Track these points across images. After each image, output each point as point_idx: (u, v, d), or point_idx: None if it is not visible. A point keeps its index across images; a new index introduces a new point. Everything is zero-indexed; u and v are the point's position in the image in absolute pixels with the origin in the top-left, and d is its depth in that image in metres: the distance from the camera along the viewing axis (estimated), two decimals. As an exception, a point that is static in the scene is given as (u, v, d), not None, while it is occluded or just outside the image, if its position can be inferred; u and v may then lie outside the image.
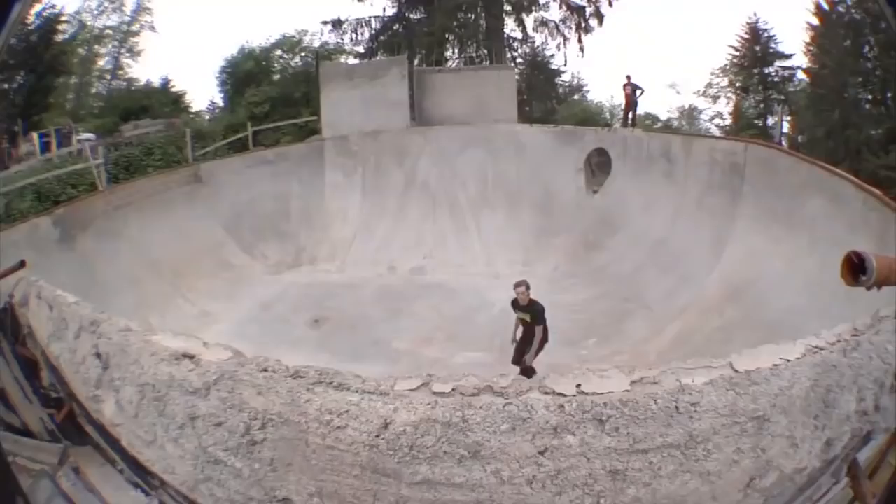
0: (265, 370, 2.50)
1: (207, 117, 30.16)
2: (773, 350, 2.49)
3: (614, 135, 13.67)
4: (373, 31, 26.86)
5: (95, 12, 32.24)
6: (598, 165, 13.99)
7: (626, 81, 16.18)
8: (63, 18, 28.81)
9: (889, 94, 23.18)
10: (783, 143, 23.80)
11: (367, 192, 14.50)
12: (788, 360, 2.40)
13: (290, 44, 27.41)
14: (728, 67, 30.48)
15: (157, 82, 32.21)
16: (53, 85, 28.79)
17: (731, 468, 2.22)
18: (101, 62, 33.14)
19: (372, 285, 12.00)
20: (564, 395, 2.20)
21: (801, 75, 27.76)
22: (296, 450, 2.26)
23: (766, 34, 28.78)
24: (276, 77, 25.90)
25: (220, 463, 2.44)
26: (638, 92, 15.75)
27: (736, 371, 2.32)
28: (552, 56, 28.60)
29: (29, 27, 26.47)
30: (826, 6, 25.11)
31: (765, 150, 9.65)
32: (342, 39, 27.35)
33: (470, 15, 26.46)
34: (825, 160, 11.38)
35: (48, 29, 27.72)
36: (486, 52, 25.30)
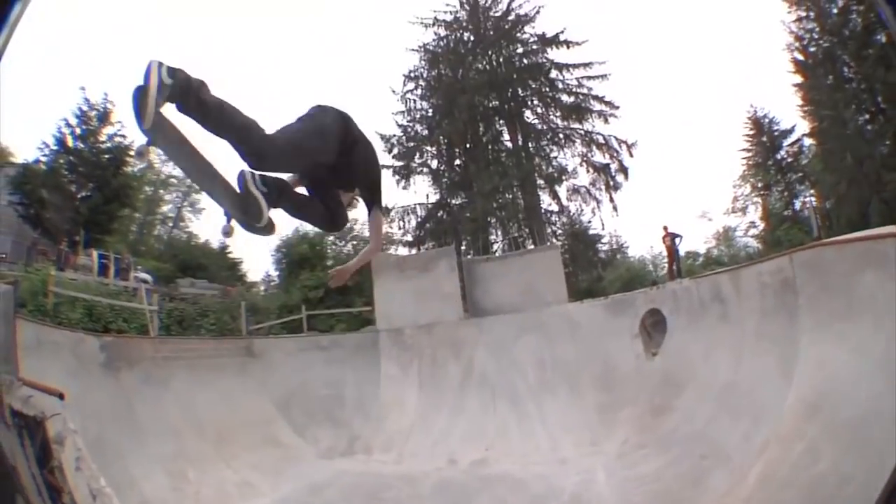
0: None
1: (263, 289, 31.35)
2: None
3: (663, 291, 13.43)
4: (419, 219, 28.41)
5: (162, 156, 35.19)
6: (653, 326, 13.54)
7: (664, 233, 16.32)
8: (132, 152, 29.94)
9: (880, 99, 22.91)
10: (817, 221, 23.24)
11: (423, 384, 14.40)
12: None
13: (342, 232, 28.96)
14: (746, 174, 30.79)
15: (215, 244, 33.93)
16: (118, 213, 30.10)
17: None
18: (164, 207, 35.18)
19: (431, 479, 11.26)
20: None
21: (808, 142, 27.84)
22: None
23: (767, 119, 29.31)
24: (329, 263, 27.10)
25: None
26: (677, 240, 15.79)
27: None
28: (589, 222, 29.61)
29: (102, 144, 27.97)
30: (801, 57, 25.59)
31: (809, 253, 8.99)
32: (390, 228, 28.97)
33: (507, 195, 27.89)
34: (856, 213, 10.72)
35: (118, 155, 29.20)
36: (527, 230, 26.32)
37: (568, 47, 28.82)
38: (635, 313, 13.47)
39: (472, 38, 29.91)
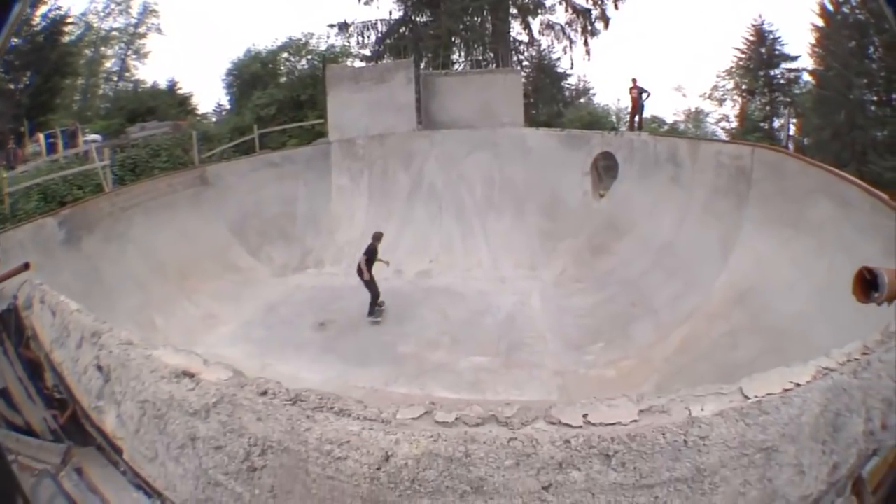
0: (265, 393, 2.42)
1: (214, 119, 30.25)
2: (783, 374, 2.42)
3: (621, 138, 13.58)
4: (379, 35, 26.94)
5: (102, 14, 32.69)
6: (605, 169, 13.93)
7: (632, 85, 16.12)
8: (69, 20, 28.93)
9: (894, 96, 23.07)
10: (790, 146, 23.74)
11: (373, 195, 14.52)
12: (799, 385, 2.34)
13: (296, 47, 27.41)
14: (734, 70, 30.35)
15: (163, 84, 32.41)
16: (60, 86, 28.91)
17: (738, 500, 2.16)
18: (107, 64, 33.40)
19: (379, 288, 11.95)
20: (571, 427, 2.14)
21: (806, 77, 27.64)
22: (296, 478, 2.20)
23: (771, 36, 28.63)
24: (283, 80, 25.96)
25: (220, 486, 2.38)
26: (644, 95, 15.67)
27: (746, 398, 2.26)
28: (558, 59, 28.67)
29: (35, 28, 26.57)
30: (831, 7, 24.99)
31: (772, 154, 9.54)
32: (348, 42, 27.46)
33: (476, 18, 26.48)
34: (831, 163, 11.35)
35: (54, 30, 27.80)
36: (492, 55, 25.32)
37: None
38: (589, 151, 13.66)
39: None
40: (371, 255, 10.94)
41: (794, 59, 27.79)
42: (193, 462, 2.49)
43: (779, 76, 28.36)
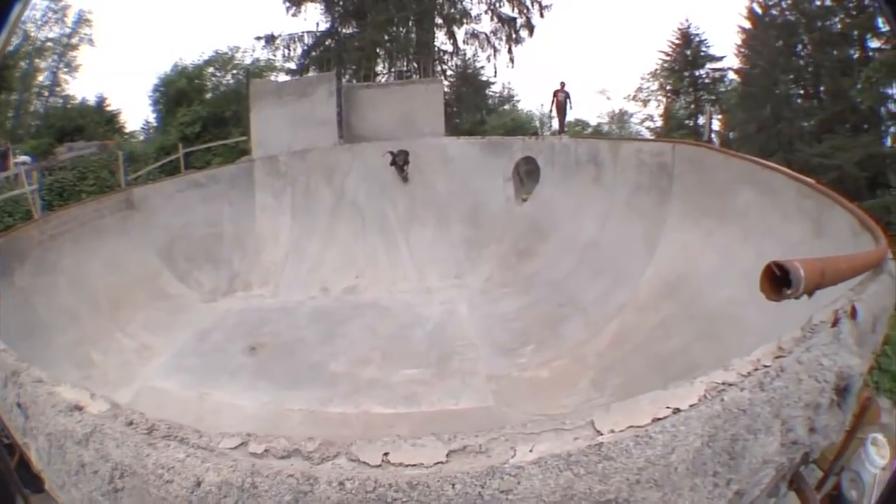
0: (130, 423, 2.46)
1: (141, 138, 29.30)
2: (660, 399, 2.07)
3: (542, 142, 13.74)
4: (305, 47, 26.70)
5: (39, 23, 30.64)
6: (527, 174, 14.05)
7: (559, 87, 16.34)
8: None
9: (822, 88, 24.16)
10: (714, 140, 24.55)
11: (296, 212, 14.21)
12: (678, 411, 2.00)
13: (222, 60, 26.88)
14: (658, 72, 31.26)
15: (92, 100, 31.12)
16: None
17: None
18: (40, 77, 31.91)
19: (306, 308, 11.76)
20: (368, 465, 2.02)
21: (731, 76, 28.79)
22: (143, 499, 2.23)
23: (697, 39, 29.68)
24: (208, 96, 25.39)
25: (100, 507, 2.48)
26: (568, 101, 15.96)
27: (599, 433, 1.94)
28: (482, 68, 29.02)
29: None
30: (759, 10, 26.05)
31: (693, 149, 9.79)
32: (274, 56, 27.13)
33: (401, 29, 26.61)
34: (757, 154, 11.78)
35: None
36: (416, 65, 25.38)
37: None
38: (510, 157, 13.77)
39: None
40: None
41: (720, 59, 29.02)
42: (84, 486, 2.54)
43: (704, 76, 29.41)
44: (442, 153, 14.52)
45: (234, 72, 26.46)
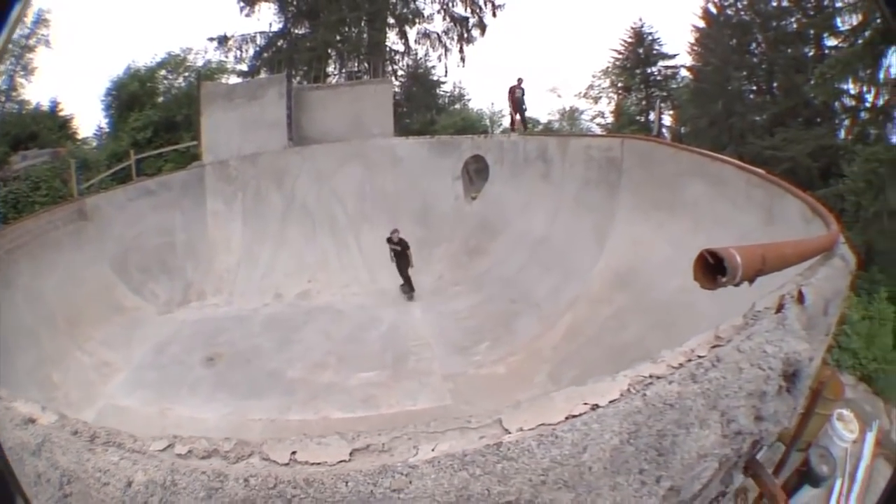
0: (76, 433, 2.55)
1: (94, 144, 28.48)
2: (575, 395, 2.00)
3: (490, 141, 13.87)
4: (257, 48, 26.27)
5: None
6: (476, 172, 14.15)
7: (515, 84, 16.38)
8: None
9: (775, 85, 24.77)
10: (665, 135, 24.95)
11: (247, 218, 14.03)
12: (597, 407, 1.93)
13: (174, 63, 25.99)
14: (610, 69, 31.54)
15: (46, 105, 30.13)
16: None
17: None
18: None
19: (260, 315, 11.72)
20: (277, 464, 2.06)
21: (684, 73, 29.14)
22: (87, 502, 2.33)
23: (650, 37, 30.02)
24: (160, 99, 24.61)
25: (53, 513, 2.51)
26: (523, 97, 16.00)
27: (507, 431, 1.88)
28: (433, 67, 28.89)
29: None
30: (714, 10, 26.55)
31: (642, 144, 10.01)
32: (227, 57, 26.52)
33: (353, 29, 26.43)
34: (709, 148, 12.04)
35: None
36: (367, 65, 25.23)
37: None
38: (459, 156, 13.86)
39: None
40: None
41: (672, 57, 29.19)
42: (42, 495, 2.60)
43: (656, 73, 29.75)
44: (391, 153, 14.51)
45: (186, 74, 25.76)
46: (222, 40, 26.18)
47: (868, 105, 20.46)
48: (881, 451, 7.23)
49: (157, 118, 22.35)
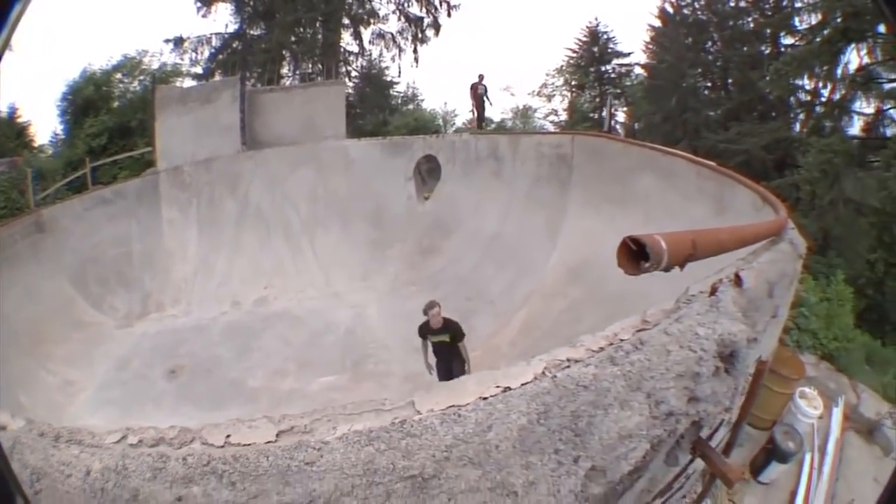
0: (41, 434, 2.63)
1: (50, 152, 27.77)
2: (487, 378, 2.09)
3: (442, 140, 13.91)
4: (213, 50, 25.95)
5: None
6: (428, 172, 14.21)
7: (476, 81, 16.40)
8: None
9: (730, 81, 25.34)
10: (618, 130, 25.30)
11: (202, 225, 13.88)
12: (509, 389, 2.00)
13: (130, 66, 25.35)
14: (564, 68, 31.82)
15: (5, 111, 29.26)
16: None
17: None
18: None
19: (219, 324, 11.70)
20: (214, 446, 2.17)
21: (638, 70, 29.67)
22: (55, 495, 2.39)
23: (605, 36, 30.35)
24: (115, 104, 23.95)
25: (29, 509, 2.62)
26: (487, 95, 16.06)
27: (418, 412, 2.01)
28: (387, 68, 28.93)
29: None
30: (671, 10, 26.94)
31: (592, 140, 10.22)
32: (182, 59, 26.12)
33: (308, 30, 26.33)
34: (662, 142, 12.28)
35: None
36: (321, 67, 25.14)
37: None
38: (411, 157, 13.87)
39: None
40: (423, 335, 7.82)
41: (627, 55, 29.73)
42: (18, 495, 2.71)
43: (610, 71, 30.15)
44: (344, 155, 14.47)
45: (142, 78, 25.22)
46: (178, 42, 25.86)
47: (824, 99, 21.35)
48: (850, 425, 7.53)
49: (112, 124, 21.84)
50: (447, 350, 7.60)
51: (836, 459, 6.79)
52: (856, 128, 20.32)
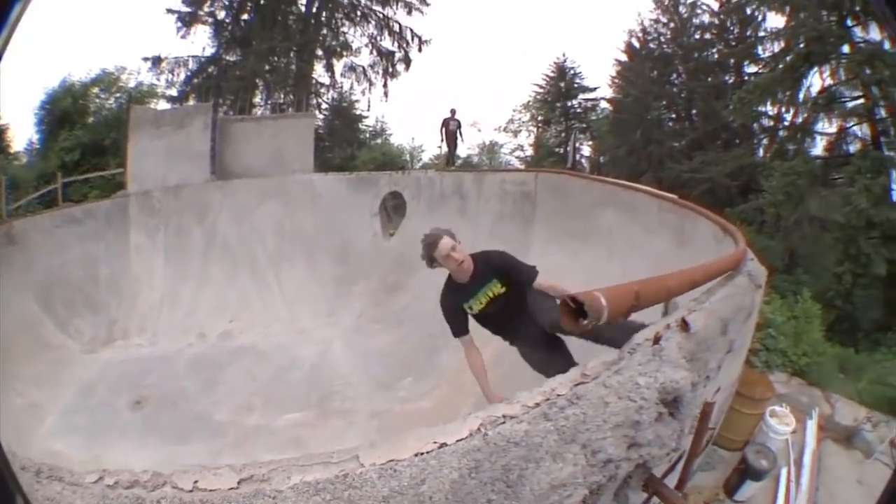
0: (23, 468, 2.50)
1: (25, 160, 27.34)
2: (426, 435, 2.12)
3: (408, 177, 14.04)
4: (188, 73, 26.01)
5: None
6: (394, 208, 14.34)
7: (449, 115, 16.39)
8: None
9: (694, 111, 25.95)
10: (583, 165, 25.75)
11: (169, 253, 13.87)
12: (444, 445, 2.05)
13: (108, 81, 25.26)
14: (531, 103, 32.21)
15: None
16: None
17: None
18: None
19: (184, 356, 11.64)
20: (183, 490, 2.30)
21: (604, 105, 30.21)
22: None
23: (572, 71, 30.78)
24: (91, 120, 23.89)
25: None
26: (459, 130, 16.10)
27: (362, 465, 2.04)
28: (357, 101, 29.30)
29: None
30: (637, 45, 27.49)
31: (554, 177, 10.39)
32: (158, 80, 26.11)
33: (282, 60, 26.74)
34: (627, 175, 12.57)
35: None
36: (292, 97, 25.32)
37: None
38: (377, 193, 14.00)
39: None
40: None
41: (593, 90, 30.21)
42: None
43: (576, 106, 30.60)
44: (310, 190, 14.56)
45: (118, 95, 25.10)
46: (156, 61, 26.00)
47: (787, 123, 22.12)
48: (826, 435, 7.67)
49: (87, 140, 21.77)
50: (515, 309, 4.20)
51: (814, 470, 6.93)
52: (819, 148, 21.08)
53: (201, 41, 26.98)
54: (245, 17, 26.47)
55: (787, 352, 9.79)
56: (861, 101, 19.10)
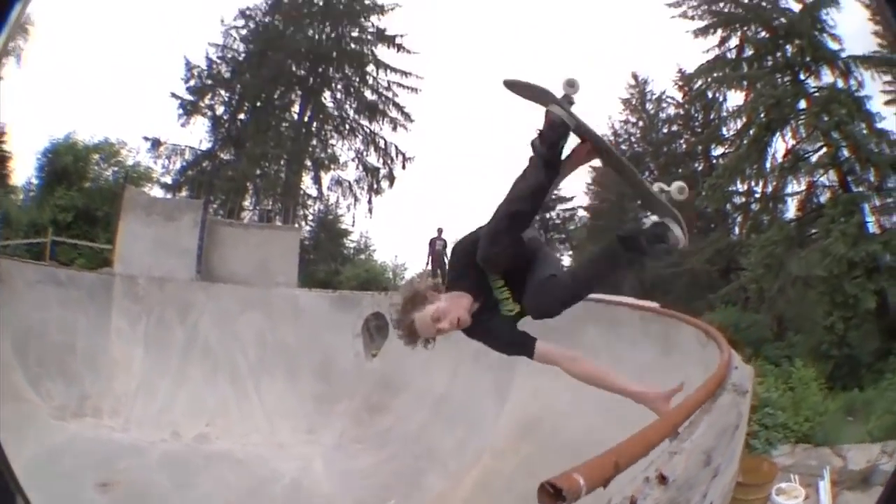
0: None
1: (21, 198, 26.95)
2: None
3: (390, 298, 14.40)
4: (184, 163, 26.67)
5: None
6: (376, 329, 14.74)
7: (436, 235, 16.93)
8: None
9: None
10: None
11: (149, 344, 14.00)
12: None
13: (109, 150, 25.35)
14: None
15: None
16: None
17: None
18: None
19: (157, 450, 11.64)
20: None
21: (582, 213, 31.07)
22: None
23: None
24: (88, 185, 23.90)
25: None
26: (446, 251, 16.54)
27: None
28: (342, 215, 29.76)
29: None
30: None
31: None
32: (155, 164, 26.54)
33: (273, 166, 27.62)
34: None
35: None
36: (280, 206, 26.23)
37: (398, 51, 28.21)
38: (360, 313, 14.52)
39: (322, 1, 28.12)
40: None
41: (570, 199, 30.73)
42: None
43: (554, 217, 31.37)
44: (294, 304, 14.97)
45: (116, 168, 25.40)
46: (155, 144, 26.47)
47: (758, 196, 22.75)
48: (841, 488, 7.81)
49: (81, 204, 21.90)
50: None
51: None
52: (791, 210, 21.67)
53: (200, 133, 27.59)
54: (242, 116, 27.53)
55: (787, 423, 9.94)
56: (824, 149, 19.62)
